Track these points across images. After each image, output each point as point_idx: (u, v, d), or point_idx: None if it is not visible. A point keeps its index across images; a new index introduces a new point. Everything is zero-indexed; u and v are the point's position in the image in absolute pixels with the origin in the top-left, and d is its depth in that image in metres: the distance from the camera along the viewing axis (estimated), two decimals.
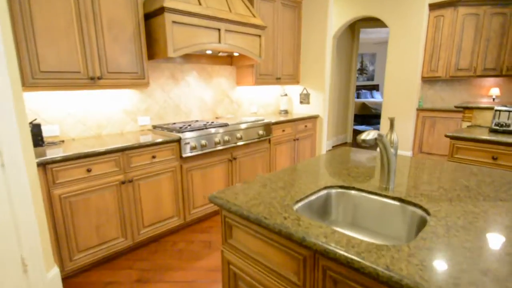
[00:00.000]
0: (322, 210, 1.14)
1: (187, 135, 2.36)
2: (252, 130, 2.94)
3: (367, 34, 8.53)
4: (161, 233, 2.40)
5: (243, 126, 2.83)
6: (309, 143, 3.90)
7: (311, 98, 3.99)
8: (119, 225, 2.06)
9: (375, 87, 10.49)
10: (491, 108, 2.46)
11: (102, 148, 1.88)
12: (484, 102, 4.76)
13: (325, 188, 1.14)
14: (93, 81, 2.05)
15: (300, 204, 1.02)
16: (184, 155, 2.35)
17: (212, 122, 2.82)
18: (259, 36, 2.99)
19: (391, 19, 4.59)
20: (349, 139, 6.44)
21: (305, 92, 4.03)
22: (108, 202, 1.98)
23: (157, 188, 2.24)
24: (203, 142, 2.47)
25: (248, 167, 3.04)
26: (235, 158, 2.84)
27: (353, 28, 5.91)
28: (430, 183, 1.15)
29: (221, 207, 1.02)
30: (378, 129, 7.94)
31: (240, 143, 2.83)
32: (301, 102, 4.10)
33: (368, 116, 8.85)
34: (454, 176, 1.24)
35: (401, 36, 4.54)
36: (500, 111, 2.19)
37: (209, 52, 2.80)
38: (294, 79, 3.95)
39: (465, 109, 2.63)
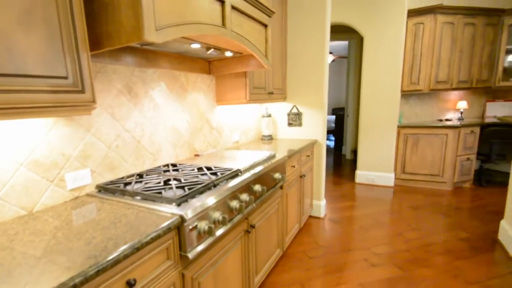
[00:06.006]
0: None
1: (195, 207, 1.17)
2: (267, 175, 1.90)
3: None
4: None
5: (258, 170, 1.77)
6: (310, 178, 3.03)
7: (304, 118, 3.16)
8: None
9: None
10: None
11: None
12: (450, 116, 4.84)
13: None
14: None
15: None
16: (190, 253, 1.14)
17: (210, 169, 1.66)
18: (266, 26, 2.02)
19: (366, 26, 4.22)
20: None
21: (295, 111, 3.19)
22: None
23: None
24: (218, 215, 1.31)
25: (265, 235, 1.96)
26: (253, 226, 1.72)
27: None
28: None
29: None
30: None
31: (258, 200, 1.74)
32: (290, 124, 3.23)
33: None
34: None
35: (377, 46, 4.20)
36: None
37: (195, 45, 1.67)
38: (282, 94, 3.07)
39: None
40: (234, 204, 1.45)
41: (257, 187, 1.71)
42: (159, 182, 1.41)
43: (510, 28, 4.11)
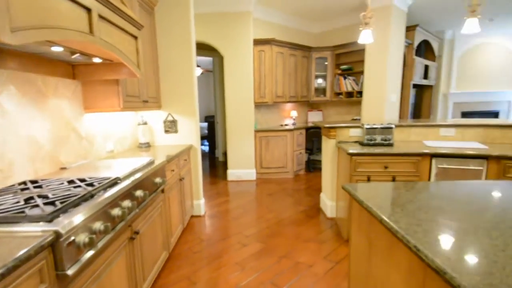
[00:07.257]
0: None
1: (70, 220, 0.97)
2: (148, 180, 1.77)
3: None
4: None
5: (138, 176, 1.62)
6: (189, 180, 3.00)
7: (179, 125, 3.11)
8: None
9: None
10: (348, 127, 2.89)
11: None
12: (287, 122, 5.83)
13: None
14: None
15: None
16: (69, 270, 0.94)
17: (85, 180, 1.40)
18: (136, 38, 1.88)
19: (224, 48, 4.55)
20: None
21: (170, 118, 3.08)
22: None
23: None
24: (99, 225, 1.13)
25: (150, 240, 1.80)
26: (137, 233, 1.56)
27: None
28: None
29: None
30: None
31: (141, 205, 1.60)
32: (166, 131, 3.10)
33: None
34: None
35: (234, 65, 4.60)
36: (369, 128, 2.58)
37: (57, 48, 1.38)
38: (157, 102, 2.91)
39: (330, 128, 2.92)
40: (116, 211, 1.29)
41: (139, 193, 1.58)
42: (18, 202, 1.09)
43: (317, 60, 5.38)
